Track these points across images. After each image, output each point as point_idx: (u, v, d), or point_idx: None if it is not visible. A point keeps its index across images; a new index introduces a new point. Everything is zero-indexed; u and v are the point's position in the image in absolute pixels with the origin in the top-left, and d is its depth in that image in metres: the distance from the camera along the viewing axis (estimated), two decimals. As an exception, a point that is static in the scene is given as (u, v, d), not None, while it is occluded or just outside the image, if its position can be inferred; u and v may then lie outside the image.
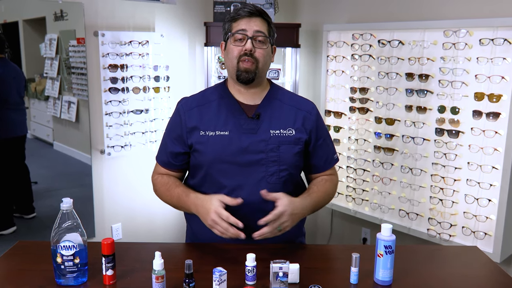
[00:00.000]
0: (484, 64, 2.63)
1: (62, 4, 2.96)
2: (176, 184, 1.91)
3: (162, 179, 1.95)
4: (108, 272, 1.53)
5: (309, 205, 1.83)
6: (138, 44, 3.25)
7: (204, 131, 1.83)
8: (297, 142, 1.85)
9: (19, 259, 1.74)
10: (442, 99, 2.83)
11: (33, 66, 3.16)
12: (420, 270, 1.70)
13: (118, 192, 3.44)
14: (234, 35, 1.81)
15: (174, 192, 1.88)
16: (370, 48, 3.18)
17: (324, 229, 3.98)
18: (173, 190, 1.89)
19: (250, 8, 1.81)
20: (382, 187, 3.24)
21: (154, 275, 1.46)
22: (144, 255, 1.75)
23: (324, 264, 1.79)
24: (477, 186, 2.73)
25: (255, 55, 1.80)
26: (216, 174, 1.83)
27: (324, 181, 1.95)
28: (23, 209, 3.19)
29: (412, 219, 3.07)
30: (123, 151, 3.32)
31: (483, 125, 2.67)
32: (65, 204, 1.50)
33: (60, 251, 1.50)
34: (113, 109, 3.22)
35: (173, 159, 1.92)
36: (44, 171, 3.28)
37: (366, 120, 3.27)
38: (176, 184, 1.90)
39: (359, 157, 3.35)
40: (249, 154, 1.81)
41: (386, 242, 1.54)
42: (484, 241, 2.74)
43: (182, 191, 1.85)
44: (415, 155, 3.00)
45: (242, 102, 1.88)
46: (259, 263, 1.56)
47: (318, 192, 1.90)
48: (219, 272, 1.47)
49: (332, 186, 1.98)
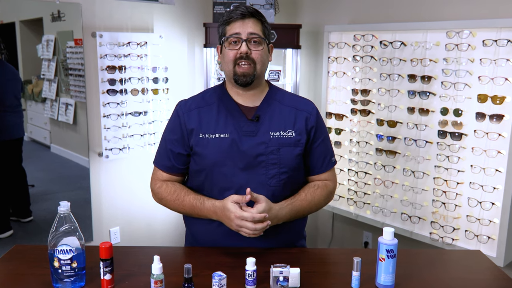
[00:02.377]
0: (487, 66, 2.62)
1: (60, 5, 2.94)
2: (185, 191, 1.88)
3: (167, 188, 1.91)
4: (106, 277, 1.52)
5: (286, 215, 1.81)
6: (136, 45, 3.24)
7: (204, 133, 1.83)
8: (297, 144, 1.85)
9: (15, 263, 1.74)
10: (445, 101, 2.81)
11: (30, 68, 3.15)
12: (422, 275, 1.70)
13: (116, 195, 3.43)
14: (229, 39, 1.80)
15: (186, 201, 1.86)
16: (371, 49, 3.16)
17: (325, 233, 3.96)
18: (183, 198, 1.86)
19: (242, 10, 1.81)
20: (384, 190, 3.22)
21: (153, 280, 1.46)
22: (143, 259, 1.75)
23: (325, 268, 1.79)
24: (480, 189, 2.71)
25: (252, 56, 1.80)
26: (216, 177, 1.82)
27: (315, 188, 1.92)
28: (20, 212, 3.17)
29: (414, 222, 3.06)
30: (121, 153, 3.30)
31: (486, 127, 2.66)
32: (62, 208, 1.50)
33: (57, 255, 1.50)
34: (111, 111, 3.20)
35: (176, 162, 1.90)
36: (41, 174, 3.26)
37: (367, 122, 3.26)
38: (185, 192, 1.88)
39: (361, 159, 3.33)
40: (249, 156, 1.80)
41: (388, 246, 1.54)
42: (487, 245, 2.72)
43: (195, 199, 1.84)
44: (417, 157, 2.98)
45: (241, 104, 1.88)
46: (259, 267, 1.56)
47: (303, 201, 1.87)
48: (219, 277, 1.48)
49: (323, 194, 1.94)
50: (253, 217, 1.65)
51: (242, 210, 1.68)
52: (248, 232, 1.68)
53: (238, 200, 1.70)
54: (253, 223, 1.66)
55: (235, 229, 1.71)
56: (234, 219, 1.68)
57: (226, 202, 1.72)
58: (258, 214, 1.65)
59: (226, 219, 1.73)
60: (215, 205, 1.78)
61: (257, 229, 1.66)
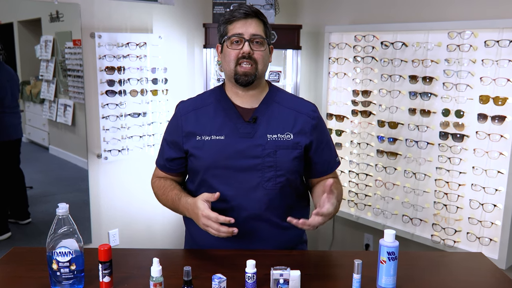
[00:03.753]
0: (489, 66, 2.61)
1: (58, 5, 2.92)
2: (171, 187, 1.91)
3: (159, 183, 1.96)
4: (105, 279, 1.52)
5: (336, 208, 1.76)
6: (135, 46, 3.22)
7: (200, 135, 1.82)
8: (296, 147, 1.82)
9: (14, 265, 1.73)
10: (447, 102, 2.80)
11: (28, 68, 3.13)
12: (424, 277, 1.70)
13: (115, 197, 3.41)
14: (231, 38, 1.79)
15: (169, 196, 1.89)
16: (372, 50, 3.15)
17: (326, 235, 3.95)
18: (168, 193, 1.90)
19: (246, 9, 1.79)
20: (385, 192, 3.21)
21: (152, 282, 1.45)
22: (142, 261, 1.75)
23: (325, 270, 1.78)
24: (482, 191, 2.71)
25: (254, 56, 1.78)
26: (211, 179, 1.82)
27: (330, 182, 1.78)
28: (18, 214, 3.16)
29: (415, 224, 3.04)
30: (120, 155, 3.29)
31: (488, 129, 2.65)
32: (61, 210, 1.49)
33: (56, 257, 1.49)
34: (110, 112, 3.19)
35: (168, 163, 1.93)
36: (39, 175, 3.25)
37: (368, 124, 3.25)
38: (171, 187, 1.90)
39: (362, 161, 3.32)
40: (244, 158, 1.79)
41: (389, 248, 1.53)
42: (489, 247, 2.72)
43: (175, 195, 1.86)
44: (418, 159, 2.97)
45: (239, 106, 1.86)
46: (259, 269, 1.55)
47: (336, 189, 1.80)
48: (219, 279, 1.48)
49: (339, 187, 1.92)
50: (217, 218, 1.63)
51: (209, 210, 1.66)
52: (213, 232, 1.66)
53: (208, 198, 1.69)
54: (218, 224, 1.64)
55: (202, 228, 1.69)
56: (201, 217, 1.67)
57: (197, 200, 1.71)
58: (222, 216, 1.63)
59: (195, 216, 1.72)
60: (187, 202, 1.78)
61: (221, 231, 1.64)
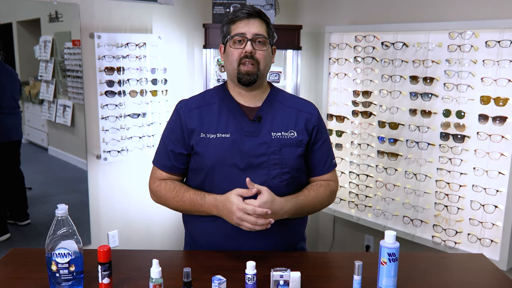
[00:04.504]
0: (490, 67, 2.61)
1: (57, 5, 2.92)
2: (185, 188, 1.87)
3: (166, 186, 1.90)
4: (104, 281, 1.52)
5: (291, 209, 1.80)
6: (135, 46, 3.22)
7: (205, 133, 1.83)
8: (299, 144, 1.86)
9: (13, 267, 1.73)
10: (447, 103, 2.80)
11: (27, 69, 3.12)
12: (424, 278, 1.70)
13: (114, 198, 3.41)
14: (233, 38, 1.81)
15: (186, 197, 1.84)
16: (373, 50, 3.15)
17: (326, 236, 3.94)
18: (183, 194, 1.85)
19: (249, 9, 1.82)
20: (386, 193, 3.20)
21: (152, 284, 1.45)
22: (141, 262, 1.74)
23: (326, 272, 1.78)
24: (483, 192, 2.70)
25: (256, 56, 1.80)
26: (217, 178, 1.82)
27: (318, 186, 1.92)
28: (17, 215, 3.15)
29: (416, 226, 3.04)
30: (120, 156, 3.28)
31: (489, 130, 2.64)
32: (60, 211, 1.49)
33: (55, 258, 1.49)
34: (110, 113, 3.18)
35: (176, 162, 1.90)
36: (38, 176, 3.24)
37: (369, 124, 3.24)
38: (185, 189, 1.87)
39: (362, 162, 3.31)
40: (250, 157, 1.80)
41: (390, 250, 1.53)
42: (490, 248, 2.71)
43: (195, 194, 1.83)
44: (419, 160, 2.96)
45: (242, 105, 1.88)
46: (259, 271, 1.56)
47: (307, 196, 1.87)
48: (218, 280, 1.49)
49: (326, 192, 1.93)
50: (254, 211, 1.64)
51: (244, 203, 1.67)
52: (248, 226, 1.67)
53: (243, 194, 1.69)
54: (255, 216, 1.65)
55: (236, 223, 1.69)
56: (236, 211, 1.67)
57: (229, 195, 1.71)
58: (259, 208, 1.64)
59: (227, 212, 1.71)
60: (216, 198, 1.76)
61: (258, 223, 1.65)
